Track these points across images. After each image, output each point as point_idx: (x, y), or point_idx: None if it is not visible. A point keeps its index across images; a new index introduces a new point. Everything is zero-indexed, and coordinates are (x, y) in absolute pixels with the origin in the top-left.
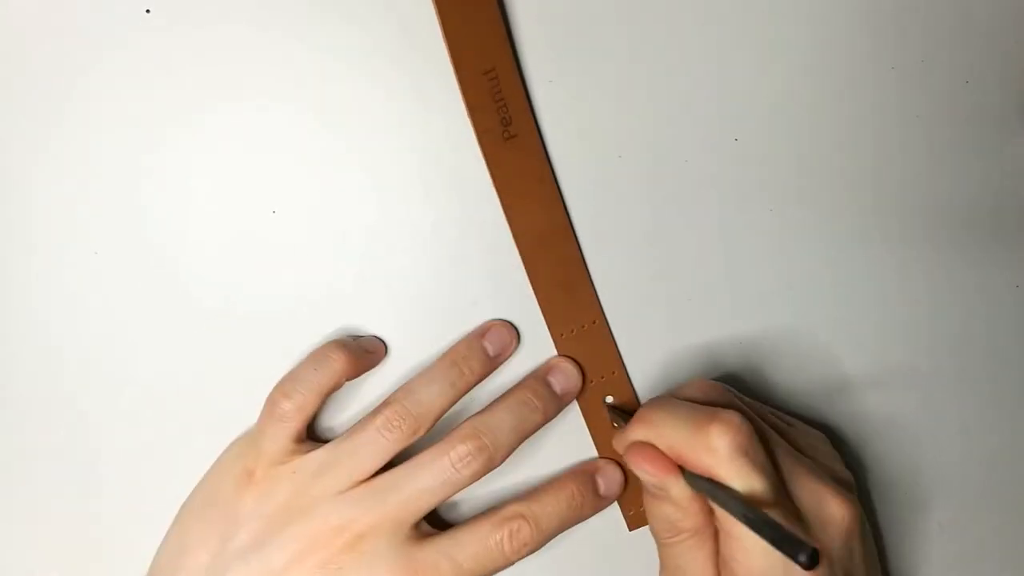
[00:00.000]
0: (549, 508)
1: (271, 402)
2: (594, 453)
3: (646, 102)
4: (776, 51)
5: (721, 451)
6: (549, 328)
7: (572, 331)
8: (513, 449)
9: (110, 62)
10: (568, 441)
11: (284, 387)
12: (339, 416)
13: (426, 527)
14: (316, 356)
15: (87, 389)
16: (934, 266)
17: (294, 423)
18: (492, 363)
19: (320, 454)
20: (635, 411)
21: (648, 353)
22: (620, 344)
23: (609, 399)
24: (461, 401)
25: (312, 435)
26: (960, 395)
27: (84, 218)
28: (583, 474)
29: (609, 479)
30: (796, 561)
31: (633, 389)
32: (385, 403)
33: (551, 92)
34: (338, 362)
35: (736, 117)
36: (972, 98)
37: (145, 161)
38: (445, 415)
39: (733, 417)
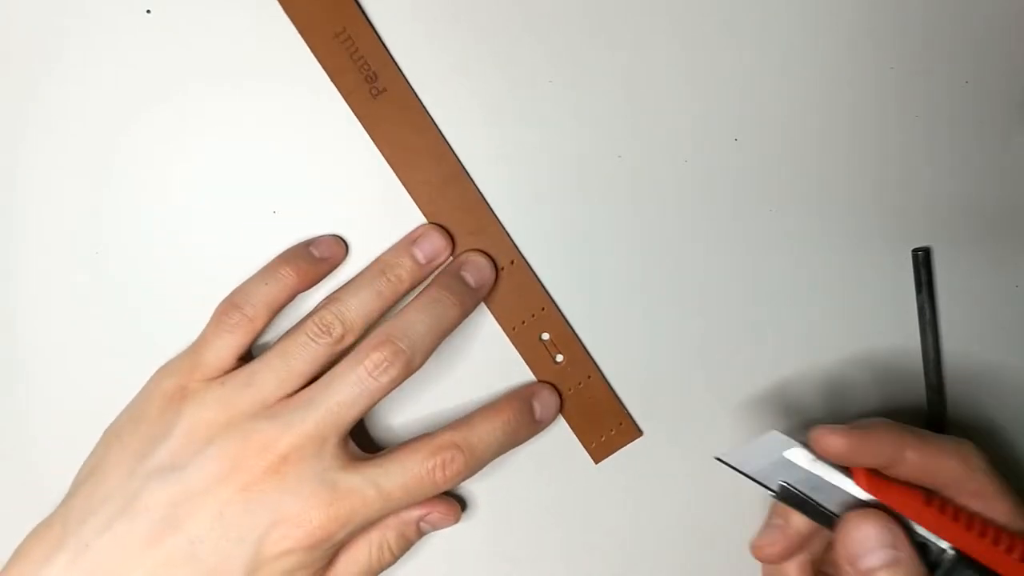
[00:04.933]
0: (484, 436)
1: (219, 313)
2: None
3: (646, 102)
4: (776, 51)
5: (983, 470)
6: None
7: None
8: (432, 350)
9: (110, 63)
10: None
11: (234, 298)
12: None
13: (355, 450)
14: (266, 271)
15: (88, 388)
16: (935, 266)
17: (241, 336)
18: (422, 270)
19: (251, 364)
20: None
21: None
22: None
23: (545, 336)
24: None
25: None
26: (960, 395)
27: (84, 218)
28: (518, 399)
29: (545, 403)
30: None
31: (567, 323)
32: (312, 311)
33: (552, 91)
34: (289, 277)
35: (736, 117)
36: (972, 98)
37: (145, 161)
38: None
39: (966, 441)
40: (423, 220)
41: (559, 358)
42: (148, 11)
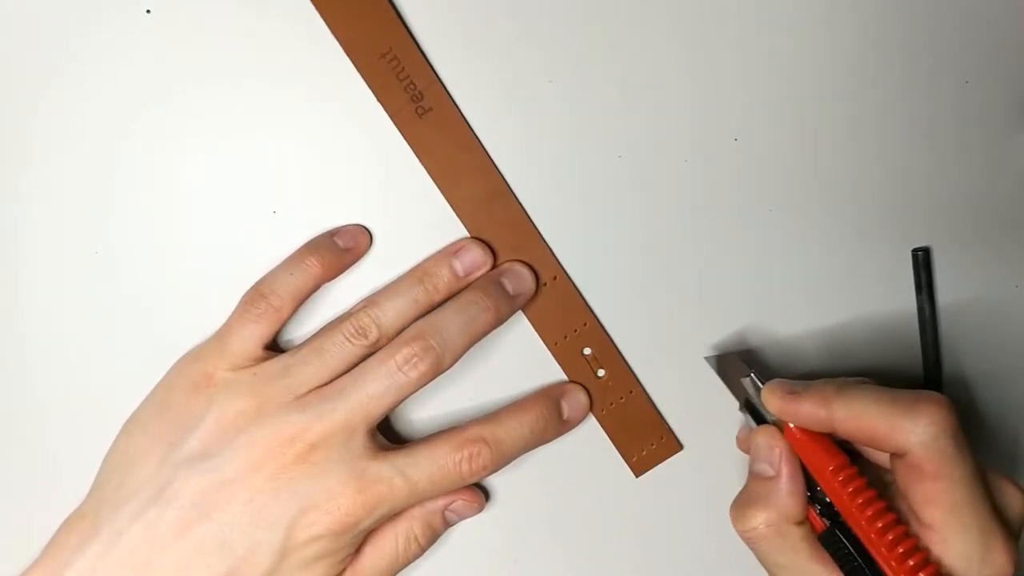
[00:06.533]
0: (512, 431)
1: (244, 302)
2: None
3: (646, 102)
4: (776, 51)
5: (927, 431)
6: None
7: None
8: (463, 351)
9: (110, 63)
10: None
11: (260, 288)
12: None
13: (383, 441)
14: (292, 261)
15: (88, 387)
16: (935, 266)
17: (267, 325)
18: (460, 282)
19: (283, 357)
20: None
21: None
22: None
23: (587, 351)
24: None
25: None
26: (960, 395)
27: (83, 218)
28: (547, 398)
29: (573, 403)
30: None
31: (609, 338)
32: (350, 312)
33: (552, 91)
34: (314, 267)
35: (736, 117)
36: (972, 98)
37: (145, 162)
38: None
39: (942, 398)
40: (424, 205)
41: (601, 373)
42: (148, 11)
